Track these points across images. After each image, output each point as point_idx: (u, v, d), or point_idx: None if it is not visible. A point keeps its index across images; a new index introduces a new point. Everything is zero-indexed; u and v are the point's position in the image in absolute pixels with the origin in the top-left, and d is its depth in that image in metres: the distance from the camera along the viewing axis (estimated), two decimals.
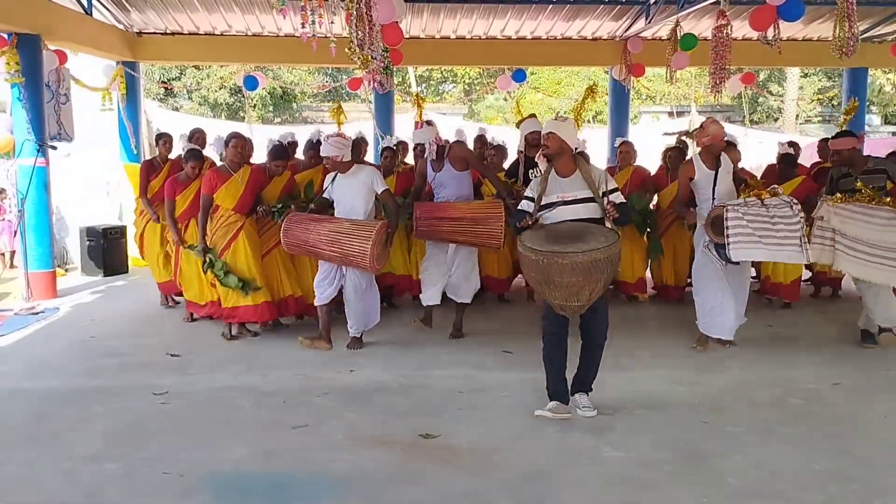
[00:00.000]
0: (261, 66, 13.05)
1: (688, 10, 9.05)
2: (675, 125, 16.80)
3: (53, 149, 8.22)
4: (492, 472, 3.68)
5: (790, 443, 4.02)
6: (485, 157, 7.40)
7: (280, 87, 21.64)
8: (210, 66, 21.20)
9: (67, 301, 7.81)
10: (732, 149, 5.77)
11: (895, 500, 3.41)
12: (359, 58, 5.67)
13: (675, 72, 10.24)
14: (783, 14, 7.42)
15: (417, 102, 10.84)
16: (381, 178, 5.74)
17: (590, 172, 4.43)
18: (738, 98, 20.14)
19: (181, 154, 6.85)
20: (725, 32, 7.95)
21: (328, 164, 5.70)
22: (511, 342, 5.89)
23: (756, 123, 22.91)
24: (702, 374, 5.18)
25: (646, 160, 7.91)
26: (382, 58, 6.47)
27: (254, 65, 12.15)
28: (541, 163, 4.67)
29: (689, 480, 3.59)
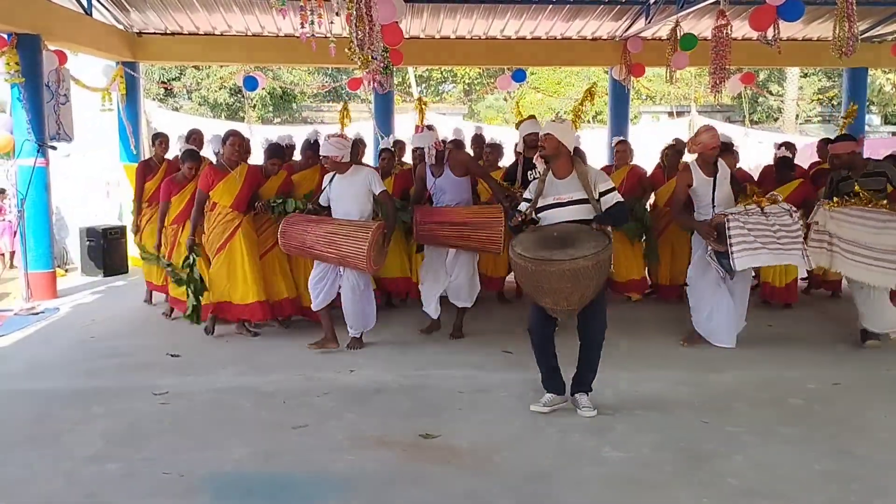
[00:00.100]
0: (261, 67, 13.05)
1: (688, 10, 9.05)
2: (675, 125, 16.79)
3: (53, 149, 8.22)
4: (492, 473, 3.68)
5: (790, 443, 4.02)
6: (482, 157, 7.40)
7: (280, 88, 21.63)
8: (210, 67, 21.19)
9: (67, 301, 7.82)
10: (729, 154, 5.74)
11: (895, 501, 3.42)
12: (359, 58, 5.67)
13: (675, 72, 10.24)
14: (783, 14, 7.43)
15: (420, 107, 10.82)
16: (379, 179, 5.73)
17: (586, 174, 4.43)
18: (738, 98, 20.18)
19: (178, 155, 6.84)
20: (725, 32, 7.95)
21: (327, 164, 5.69)
22: (511, 342, 5.89)
23: (756, 123, 22.91)
24: (702, 375, 5.18)
25: (646, 160, 7.90)
26: (382, 58, 6.47)
27: (254, 65, 12.16)
28: (539, 164, 4.67)
29: (690, 481, 3.59)
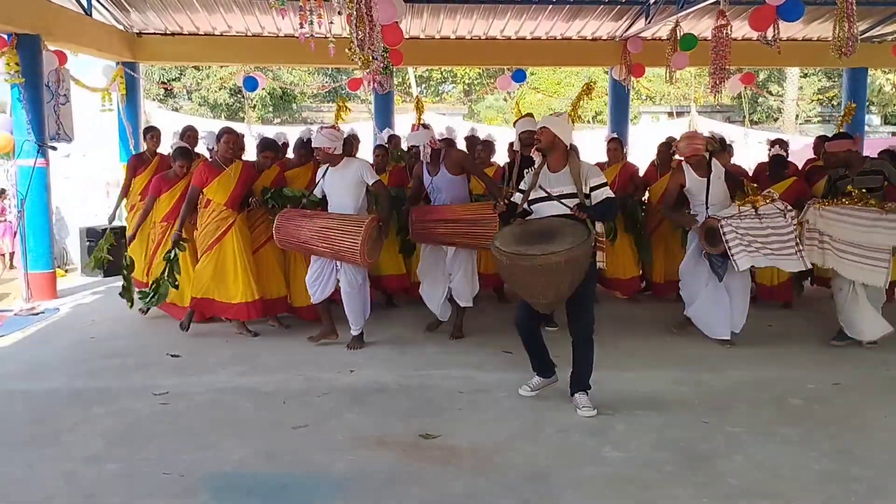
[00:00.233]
0: (260, 67, 13.05)
1: (687, 11, 9.06)
2: (675, 125, 16.79)
3: (53, 149, 8.22)
4: (492, 473, 3.68)
5: (791, 443, 4.02)
6: (475, 156, 7.42)
7: (280, 88, 21.65)
8: (210, 67, 21.21)
9: (67, 302, 7.82)
10: (723, 152, 5.78)
11: (895, 501, 3.42)
12: (359, 58, 5.67)
13: (675, 72, 10.25)
14: (783, 14, 7.44)
15: (417, 106, 10.84)
16: (372, 170, 5.74)
17: (578, 168, 4.45)
18: (738, 98, 20.19)
19: (171, 151, 6.83)
20: (725, 32, 7.96)
21: (319, 156, 5.71)
22: (511, 342, 5.84)
23: (756, 124, 22.92)
24: (702, 375, 5.18)
25: (646, 161, 7.90)
26: (382, 58, 6.47)
27: (253, 65, 12.16)
28: (535, 157, 4.72)
29: (690, 481, 3.59)
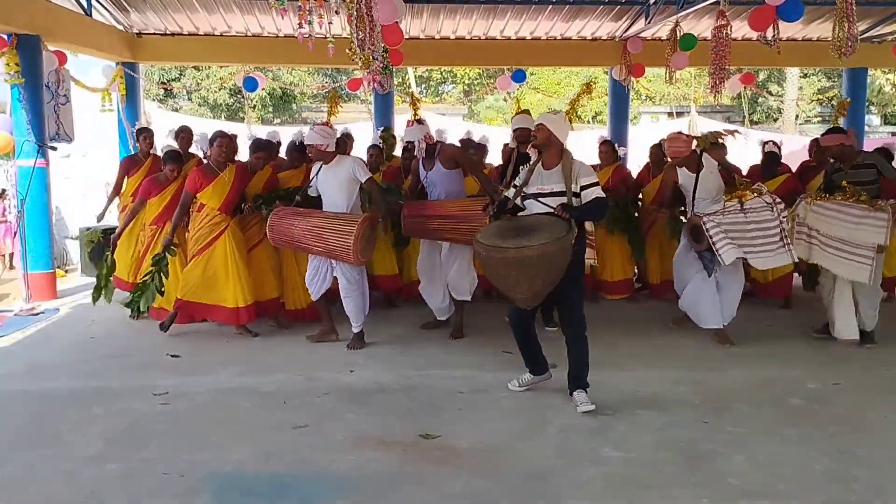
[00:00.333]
0: (260, 67, 13.04)
1: (687, 11, 9.05)
2: (675, 126, 16.79)
3: (53, 149, 8.21)
4: (493, 473, 3.67)
5: (791, 443, 4.02)
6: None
7: (280, 88, 21.64)
8: (210, 67, 21.21)
9: (67, 302, 7.81)
10: (716, 148, 5.83)
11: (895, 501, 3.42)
12: (359, 58, 5.67)
13: (675, 72, 10.24)
14: (782, 14, 7.43)
15: (413, 103, 10.91)
16: (364, 167, 5.73)
17: (570, 167, 4.46)
18: (738, 98, 20.18)
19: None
20: (725, 33, 7.95)
21: (312, 153, 5.71)
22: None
23: (756, 124, 22.93)
24: (702, 374, 5.18)
25: (645, 161, 7.90)
26: (382, 58, 6.48)
27: (253, 65, 12.15)
28: (532, 154, 4.76)
29: (691, 481, 3.59)
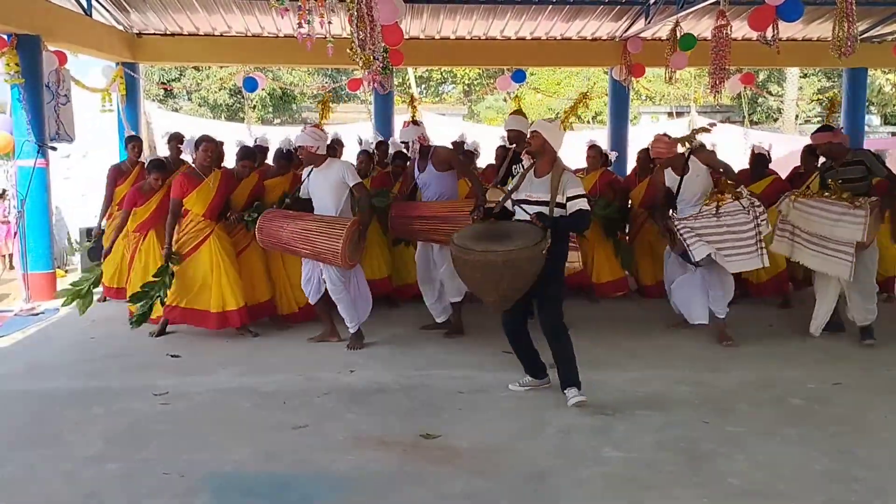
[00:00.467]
0: (260, 67, 13.05)
1: (687, 11, 9.05)
2: (675, 126, 16.77)
3: (53, 149, 8.21)
4: (493, 473, 3.67)
5: (791, 443, 4.02)
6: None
7: (280, 89, 21.63)
8: (210, 68, 21.20)
9: None
10: (702, 151, 5.87)
11: None
12: (360, 58, 5.67)
13: (675, 72, 10.24)
14: (782, 14, 7.44)
15: (411, 103, 10.96)
16: (354, 172, 5.74)
17: (559, 177, 4.48)
18: (738, 98, 20.13)
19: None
20: (725, 33, 7.95)
21: (302, 155, 5.71)
22: None
23: (756, 124, 22.91)
24: (703, 375, 5.18)
25: None
26: (382, 58, 6.49)
27: (253, 66, 12.16)
28: (525, 160, 4.78)
29: (691, 481, 3.59)
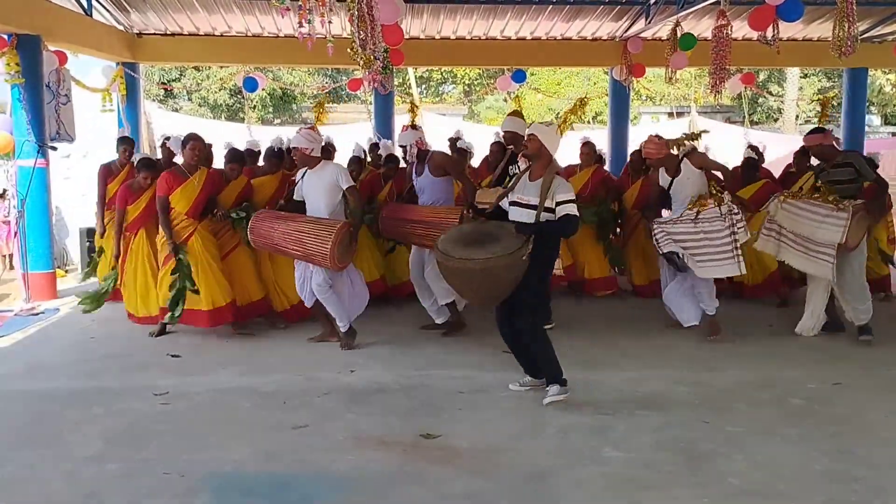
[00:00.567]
0: (260, 67, 13.05)
1: (688, 11, 9.05)
2: (675, 126, 16.77)
3: (53, 149, 8.21)
4: (493, 473, 3.67)
5: (791, 443, 4.02)
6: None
7: (280, 89, 21.64)
8: (210, 68, 21.20)
9: (68, 302, 7.79)
10: (694, 154, 5.90)
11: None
12: (361, 58, 5.68)
13: (675, 72, 10.23)
14: (782, 14, 7.43)
15: (412, 108, 10.98)
16: (347, 175, 5.76)
17: (550, 182, 4.49)
18: (738, 98, 20.12)
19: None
20: (725, 33, 7.95)
21: (296, 156, 5.73)
22: None
23: (756, 124, 22.91)
24: (702, 374, 5.18)
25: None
26: (383, 58, 6.50)
27: (253, 66, 12.16)
28: (522, 162, 4.80)
29: (691, 481, 3.59)
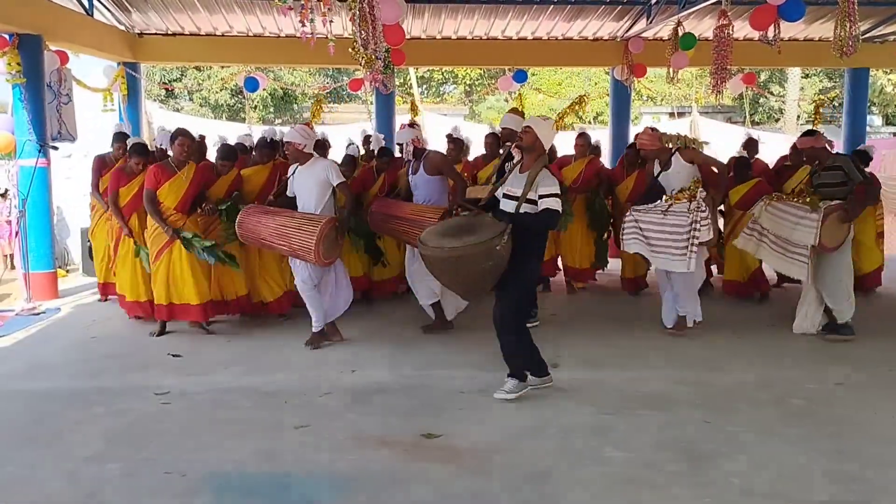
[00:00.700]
0: (262, 67, 13.05)
1: (689, 10, 9.04)
2: (676, 126, 16.75)
3: (55, 149, 8.21)
4: (494, 473, 3.67)
5: (792, 443, 4.02)
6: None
7: (281, 89, 21.64)
8: (211, 68, 21.22)
9: (68, 302, 7.80)
10: (686, 150, 5.91)
11: None
12: (362, 57, 5.68)
13: (677, 72, 10.22)
14: (784, 14, 7.42)
15: (413, 106, 11.01)
16: (337, 171, 5.75)
17: (535, 175, 4.50)
18: (740, 99, 20.15)
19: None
20: (727, 32, 7.94)
21: (288, 150, 5.75)
22: None
23: (757, 124, 22.90)
24: (703, 374, 5.18)
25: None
26: (384, 58, 6.51)
27: (254, 66, 12.16)
28: (515, 153, 4.83)
29: (692, 481, 3.58)
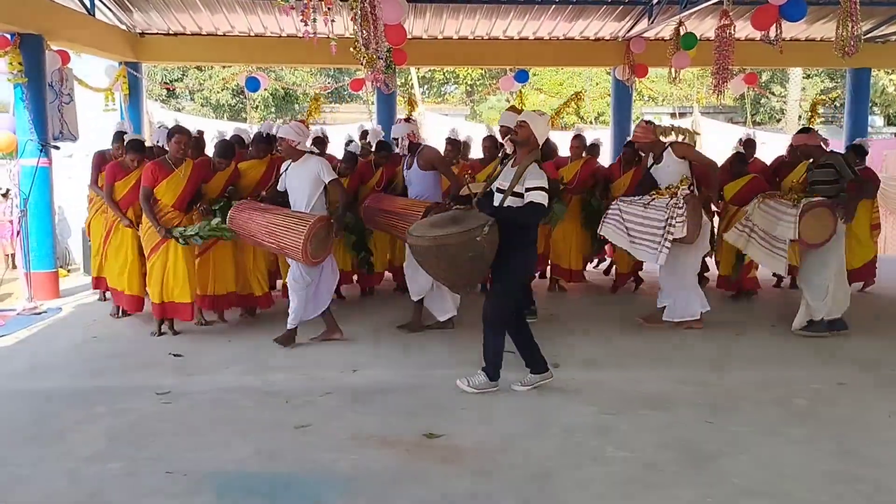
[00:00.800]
0: (263, 67, 13.06)
1: (691, 10, 9.04)
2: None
3: (56, 149, 8.21)
4: (496, 472, 3.67)
5: (795, 443, 4.01)
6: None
7: (282, 89, 21.65)
8: (212, 68, 21.23)
9: (70, 301, 7.81)
10: (679, 146, 5.94)
11: None
12: (364, 57, 5.68)
13: (678, 72, 10.22)
14: (785, 14, 7.42)
15: (410, 102, 11.03)
16: (329, 168, 5.74)
17: (524, 169, 4.52)
18: (741, 99, 20.12)
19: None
20: (728, 33, 7.93)
21: (281, 146, 5.75)
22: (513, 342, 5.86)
23: (759, 124, 22.88)
24: (705, 374, 5.17)
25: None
26: (386, 58, 6.52)
27: (256, 65, 12.17)
28: (507, 147, 4.85)
29: (694, 480, 3.58)
